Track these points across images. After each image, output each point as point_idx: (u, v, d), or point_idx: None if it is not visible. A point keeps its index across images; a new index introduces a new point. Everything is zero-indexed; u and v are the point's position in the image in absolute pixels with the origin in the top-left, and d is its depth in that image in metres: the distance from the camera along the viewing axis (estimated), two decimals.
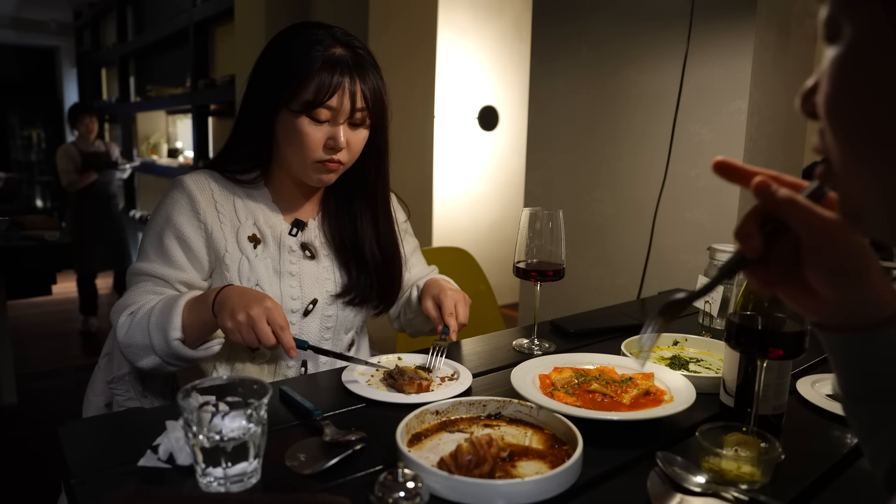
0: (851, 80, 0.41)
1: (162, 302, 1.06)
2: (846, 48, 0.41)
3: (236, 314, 0.97)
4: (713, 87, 1.91)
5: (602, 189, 2.25)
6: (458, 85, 4.58)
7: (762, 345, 0.80)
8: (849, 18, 0.41)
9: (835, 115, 0.43)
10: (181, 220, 1.12)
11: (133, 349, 1.05)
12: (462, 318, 1.20)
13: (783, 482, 0.77)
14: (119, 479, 0.73)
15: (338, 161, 1.13)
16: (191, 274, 1.14)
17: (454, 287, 1.29)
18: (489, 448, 0.74)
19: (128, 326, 1.06)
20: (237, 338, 0.98)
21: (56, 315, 4.55)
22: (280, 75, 1.10)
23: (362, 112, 1.12)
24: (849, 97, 0.41)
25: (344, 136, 1.11)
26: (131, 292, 1.12)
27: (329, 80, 1.07)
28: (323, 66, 1.07)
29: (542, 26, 2.43)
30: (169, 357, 1.04)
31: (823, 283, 0.50)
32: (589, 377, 1.02)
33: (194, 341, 1.04)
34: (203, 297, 1.04)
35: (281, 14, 3.63)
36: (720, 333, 1.27)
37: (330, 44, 1.10)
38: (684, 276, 1.98)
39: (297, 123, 1.09)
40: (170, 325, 1.02)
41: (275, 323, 0.98)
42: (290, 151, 1.13)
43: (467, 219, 4.76)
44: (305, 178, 1.16)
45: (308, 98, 1.07)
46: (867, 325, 0.51)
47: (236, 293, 1.01)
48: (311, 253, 1.22)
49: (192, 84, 4.99)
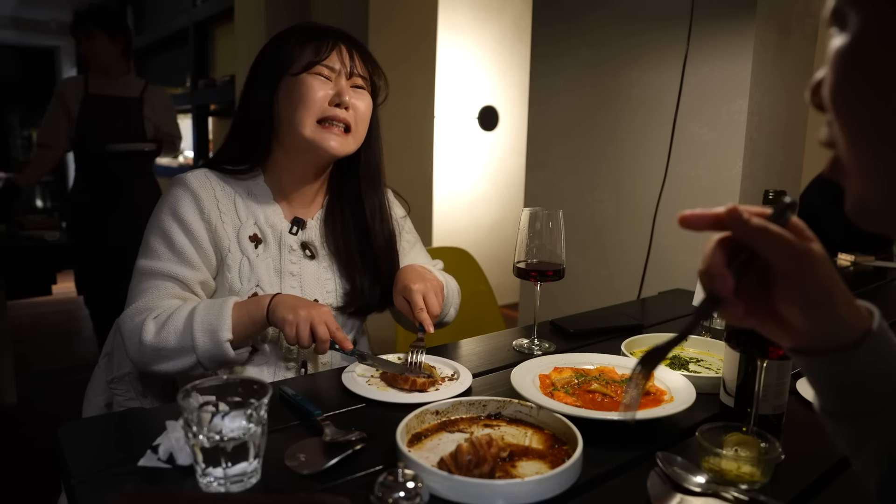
0: (856, 71, 0.41)
1: (205, 304, 1.06)
2: (852, 39, 0.41)
3: (298, 310, 1.03)
4: (713, 87, 1.91)
5: (602, 189, 2.25)
6: (458, 85, 4.58)
7: (762, 345, 0.80)
8: (856, 9, 0.41)
9: (840, 106, 0.43)
10: (189, 216, 1.11)
11: (164, 352, 1.04)
12: (433, 309, 1.16)
13: (783, 482, 0.77)
14: (119, 479, 0.73)
15: (344, 121, 1.13)
16: (204, 274, 1.13)
17: (424, 276, 1.21)
18: (489, 448, 0.74)
19: (156, 329, 1.04)
20: (292, 331, 1.02)
21: (56, 315, 4.55)
22: (278, 54, 1.15)
23: (363, 77, 1.17)
24: (854, 88, 0.41)
25: (348, 96, 1.13)
26: (149, 296, 1.09)
27: (325, 41, 1.14)
28: (315, 32, 1.15)
29: (542, 25, 2.43)
30: (211, 359, 1.04)
31: (796, 312, 0.50)
32: (589, 377, 1.02)
33: (237, 345, 1.06)
34: (255, 300, 1.08)
35: (281, 14, 3.63)
36: (720, 333, 1.27)
37: (320, 25, 1.18)
38: (684, 277, 1.98)
39: (300, 80, 1.12)
40: (220, 326, 1.03)
41: (331, 323, 1.04)
42: (294, 116, 1.11)
43: (467, 219, 4.76)
44: (310, 147, 1.13)
45: (308, 59, 1.12)
46: (840, 347, 0.51)
47: (293, 296, 1.08)
48: (312, 253, 1.22)
49: (192, 84, 4.99)
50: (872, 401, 0.51)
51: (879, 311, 0.53)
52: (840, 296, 0.51)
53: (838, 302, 0.50)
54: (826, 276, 0.50)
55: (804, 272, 0.49)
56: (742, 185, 1.87)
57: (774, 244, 0.49)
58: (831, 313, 0.50)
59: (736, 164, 1.87)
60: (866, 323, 0.52)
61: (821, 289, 0.50)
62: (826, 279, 0.50)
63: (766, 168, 1.96)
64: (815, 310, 0.50)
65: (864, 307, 0.53)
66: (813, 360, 0.53)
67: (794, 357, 0.54)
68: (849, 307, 0.51)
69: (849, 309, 0.51)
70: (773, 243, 0.49)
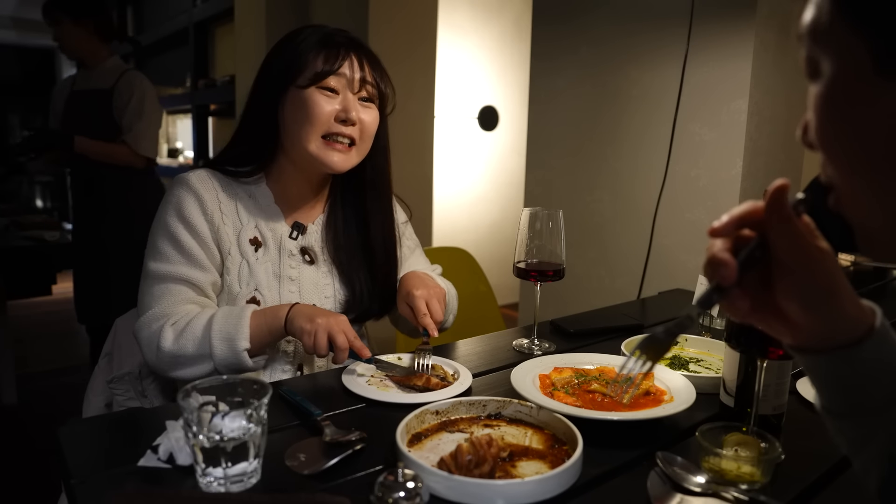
0: (838, 112, 0.42)
1: (223, 312, 1.06)
2: (828, 83, 0.42)
3: (316, 318, 1.03)
4: (713, 87, 1.91)
5: (602, 189, 2.25)
6: (458, 85, 4.58)
7: (762, 345, 0.80)
8: (826, 55, 0.42)
9: (827, 148, 0.44)
10: (193, 216, 1.11)
11: (182, 359, 1.04)
12: (436, 315, 1.17)
13: (783, 482, 0.77)
14: (119, 479, 0.73)
15: (349, 136, 1.13)
16: (213, 274, 1.13)
17: (426, 282, 1.23)
18: (489, 448, 0.74)
19: (174, 336, 1.04)
20: (310, 340, 1.02)
21: (56, 315, 4.54)
22: (286, 59, 1.13)
23: (372, 87, 1.15)
24: (838, 128, 0.43)
25: (355, 111, 1.12)
26: (165, 301, 1.09)
27: (336, 51, 1.11)
28: (326, 42, 1.12)
29: (542, 24, 2.43)
30: (228, 366, 1.05)
31: (798, 308, 0.51)
32: (589, 377, 1.02)
33: (254, 353, 1.07)
34: (273, 309, 1.08)
35: (281, 14, 3.63)
36: (720, 333, 1.27)
37: (328, 30, 1.15)
38: (684, 277, 1.98)
39: (306, 95, 1.10)
40: (238, 335, 1.03)
41: (349, 332, 1.04)
42: (299, 131, 1.11)
43: (467, 219, 4.76)
44: (314, 162, 1.13)
45: (317, 70, 1.10)
46: (841, 345, 0.51)
47: (311, 307, 1.09)
48: (311, 258, 1.22)
49: (192, 84, 4.99)
50: (874, 399, 0.51)
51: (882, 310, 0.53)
52: (844, 293, 0.51)
53: (842, 299, 0.51)
54: (832, 273, 0.50)
55: (812, 266, 0.49)
56: (742, 185, 1.87)
57: (792, 236, 0.49)
58: (835, 310, 0.50)
59: (736, 164, 1.87)
60: (869, 321, 0.52)
61: (826, 285, 0.50)
62: (832, 275, 0.50)
63: (766, 168, 1.96)
64: (819, 306, 0.50)
65: (867, 306, 0.53)
66: (815, 358, 0.53)
67: (797, 355, 0.55)
68: (852, 305, 0.51)
69: (852, 307, 0.51)
70: (791, 235, 0.49)
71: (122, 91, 2.57)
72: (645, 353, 0.56)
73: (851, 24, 0.40)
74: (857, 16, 0.40)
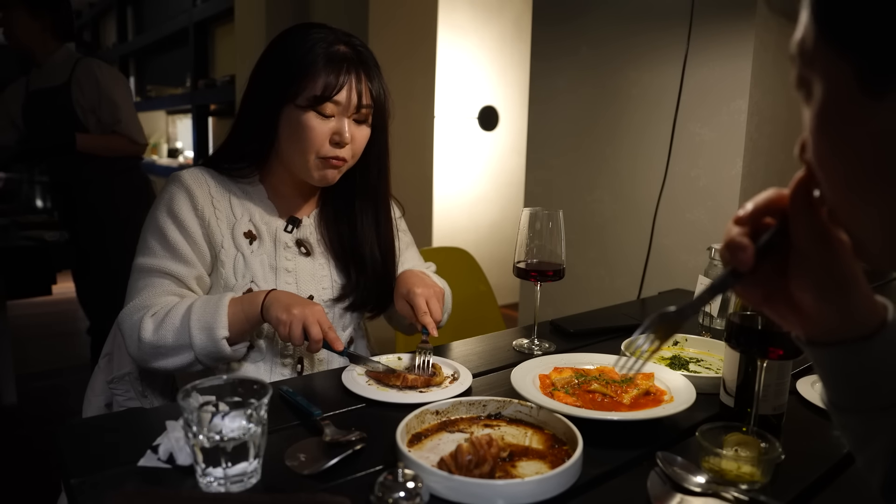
0: (831, 136, 0.42)
1: (202, 301, 1.07)
2: (821, 102, 0.42)
3: (291, 308, 1.03)
4: (713, 87, 1.91)
5: (602, 189, 2.25)
6: (458, 85, 4.58)
7: (762, 345, 0.80)
8: (815, 76, 0.42)
9: (823, 169, 0.44)
10: (182, 212, 1.12)
11: (163, 349, 1.05)
12: (436, 314, 1.17)
13: (783, 482, 0.77)
14: (119, 479, 0.73)
15: (342, 158, 1.14)
16: (199, 269, 1.14)
17: (425, 281, 1.23)
18: (489, 448, 0.74)
19: (154, 327, 1.05)
20: (285, 330, 1.03)
21: (56, 315, 4.54)
22: (284, 72, 1.11)
23: (367, 109, 1.15)
24: (833, 150, 0.43)
25: (349, 131, 1.12)
26: (146, 293, 1.10)
27: (336, 76, 1.10)
28: (329, 63, 1.10)
29: (542, 24, 2.43)
30: (208, 356, 1.05)
31: (812, 298, 0.51)
32: (589, 377, 1.02)
33: (233, 341, 1.07)
34: (250, 297, 1.08)
35: (281, 14, 3.63)
36: (720, 333, 1.27)
37: (333, 41, 1.12)
38: (684, 277, 1.98)
39: (303, 118, 1.10)
40: (216, 324, 1.04)
41: (323, 323, 1.04)
42: (294, 148, 1.13)
43: (467, 219, 4.76)
44: (308, 176, 1.16)
45: (316, 93, 1.09)
46: (853, 339, 0.51)
47: (287, 294, 1.08)
48: (307, 250, 1.23)
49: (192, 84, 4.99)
50: (882, 395, 0.51)
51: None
52: (860, 286, 0.51)
53: (857, 292, 0.50)
54: (849, 264, 0.50)
55: (831, 256, 0.49)
56: (742, 185, 1.87)
57: (814, 224, 0.49)
58: (849, 303, 0.50)
59: (736, 164, 1.87)
60: (881, 316, 0.52)
61: (842, 276, 0.50)
62: (849, 267, 0.50)
63: (766, 168, 1.96)
64: (833, 297, 0.50)
65: (880, 301, 0.53)
66: (825, 351, 0.53)
67: (806, 348, 0.54)
68: (866, 299, 0.51)
69: (866, 301, 0.51)
70: (813, 223, 0.49)
71: (81, 83, 2.41)
72: (655, 331, 0.56)
73: (834, 47, 0.40)
74: (837, 38, 0.39)
